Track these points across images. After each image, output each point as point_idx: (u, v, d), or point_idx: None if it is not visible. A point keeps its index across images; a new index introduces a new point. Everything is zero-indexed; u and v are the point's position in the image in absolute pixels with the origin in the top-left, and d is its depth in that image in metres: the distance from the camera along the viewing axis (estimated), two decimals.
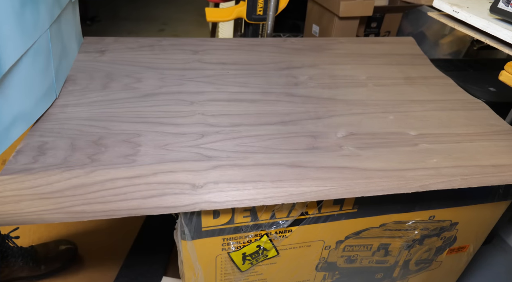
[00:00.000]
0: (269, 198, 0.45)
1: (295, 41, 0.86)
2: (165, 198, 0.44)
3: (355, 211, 0.54)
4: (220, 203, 0.45)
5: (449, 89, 0.73)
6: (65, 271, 0.99)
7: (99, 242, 1.09)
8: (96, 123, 0.55)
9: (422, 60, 0.83)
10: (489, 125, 0.63)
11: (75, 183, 0.44)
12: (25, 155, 0.47)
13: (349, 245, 0.59)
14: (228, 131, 0.56)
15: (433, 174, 0.50)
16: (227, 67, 0.74)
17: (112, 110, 0.58)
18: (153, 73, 0.69)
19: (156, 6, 2.95)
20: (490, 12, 0.70)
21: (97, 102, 0.60)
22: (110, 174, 0.46)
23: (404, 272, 0.68)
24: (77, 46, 0.74)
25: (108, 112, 0.58)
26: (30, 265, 0.93)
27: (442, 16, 0.83)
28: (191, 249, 0.51)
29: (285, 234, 0.53)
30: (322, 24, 1.24)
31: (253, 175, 0.47)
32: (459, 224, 0.62)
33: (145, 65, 0.72)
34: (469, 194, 0.58)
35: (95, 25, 2.55)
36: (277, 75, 0.72)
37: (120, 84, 0.65)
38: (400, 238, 0.60)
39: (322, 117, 0.61)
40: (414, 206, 0.56)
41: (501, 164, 0.54)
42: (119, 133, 0.53)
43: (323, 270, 0.62)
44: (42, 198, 0.42)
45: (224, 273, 0.56)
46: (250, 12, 1.06)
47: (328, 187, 0.47)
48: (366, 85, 0.71)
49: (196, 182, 0.46)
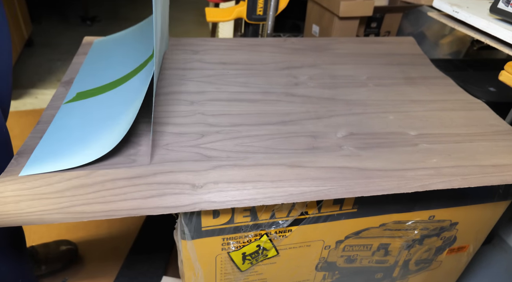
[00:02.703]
0: (269, 197, 0.45)
1: (295, 41, 0.86)
2: (165, 198, 0.44)
3: (355, 211, 0.54)
4: (220, 203, 0.45)
5: (449, 89, 0.73)
6: (65, 271, 0.99)
7: (99, 242, 1.09)
8: None
9: (422, 60, 0.83)
10: (489, 126, 0.63)
11: (75, 183, 0.44)
12: (26, 156, 0.47)
13: (349, 245, 0.59)
14: (228, 131, 0.56)
15: (433, 174, 0.50)
16: (227, 67, 0.74)
17: None
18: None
19: None
20: (490, 12, 0.70)
21: None
22: (110, 174, 0.46)
23: (404, 272, 0.68)
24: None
25: None
26: (31, 266, 0.94)
27: (442, 16, 0.83)
28: (191, 249, 0.51)
29: (285, 234, 0.53)
30: (322, 24, 1.24)
31: (253, 175, 0.47)
32: (459, 224, 0.62)
33: None
34: (469, 194, 0.58)
35: (95, 25, 2.55)
36: (277, 75, 0.72)
37: None
38: (400, 238, 0.60)
39: (322, 117, 0.61)
40: (414, 206, 0.56)
41: (501, 164, 0.54)
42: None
43: (323, 270, 0.62)
44: (42, 198, 0.42)
45: (224, 273, 0.56)
46: (250, 12, 1.06)
47: (328, 187, 0.47)
48: (366, 85, 0.71)
49: (196, 182, 0.46)
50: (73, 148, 0.47)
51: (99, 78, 0.61)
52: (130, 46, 0.70)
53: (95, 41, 0.77)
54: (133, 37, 0.72)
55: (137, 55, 0.64)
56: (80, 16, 2.55)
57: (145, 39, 0.68)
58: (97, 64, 0.67)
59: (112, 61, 0.66)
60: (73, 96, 0.58)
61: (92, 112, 0.54)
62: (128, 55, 0.66)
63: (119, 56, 0.67)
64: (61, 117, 0.54)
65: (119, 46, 0.71)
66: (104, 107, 0.54)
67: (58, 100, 0.59)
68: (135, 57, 0.64)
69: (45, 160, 0.46)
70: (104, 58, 0.68)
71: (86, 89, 0.59)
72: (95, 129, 0.50)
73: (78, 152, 0.47)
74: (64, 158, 0.46)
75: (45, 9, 2.68)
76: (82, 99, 0.57)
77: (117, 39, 0.75)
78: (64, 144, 0.49)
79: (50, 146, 0.48)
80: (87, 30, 2.45)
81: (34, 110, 1.63)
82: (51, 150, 0.48)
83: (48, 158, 0.46)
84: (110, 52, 0.70)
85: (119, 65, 0.64)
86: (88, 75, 0.63)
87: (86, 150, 0.47)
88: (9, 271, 0.70)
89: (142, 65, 0.60)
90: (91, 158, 0.45)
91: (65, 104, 0.57)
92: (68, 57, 1.41)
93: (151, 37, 0.65)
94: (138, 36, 0.71)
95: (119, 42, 0.73)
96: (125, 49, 0.69)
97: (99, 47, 0.74)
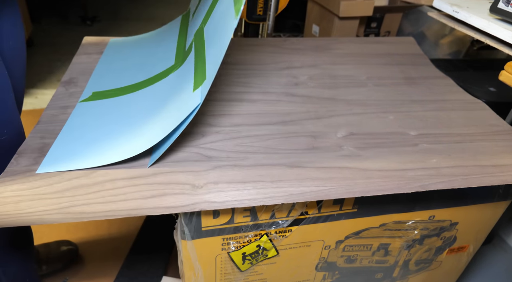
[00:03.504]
0: (269, 198, 0.45)
1: (295, 41, 0.86)
2: (165, 198, 0.44)
3: (355, 211, 0.54)
4: (220, 203, 0.45)
5: (449, 89, 0.73)
6: (66, 271, 0.99)
7: (99, 242, 1.09)
8: None
9: (422, 60, 0.83)
10: (489, 126, 0.63)
11: (75, 184, 0.44)
12: (26, 156, 0.47)
13: (349, 245, 0.59)
14: (228, 131, 0.56)
15: (433, 174, 0.50)
16: (227, 67, 0.74)
17: None
18: None
19: (156, 6, 2.95)
20: (490, 12, 0.70)
21: None
22: (110, 174, 0.46)
23: (404, 272, 0.68)
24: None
25: None
26: (36, 266, 0.95)
27: (442, 16, 0.83)
28: (191, 249, 0.51)
29: (285, 234, 0.53)
30: (322, 24, 1.24)
31: (253, 175, 0.47)
32: (459, 224, 0.62)
33: None
34: (469, 194, 0.58)
35: (95, 25, 2.55)
36: (277, 75, 0.72)
37: None
38: (400, 238, 0.60)
39: (322, 117, 0.61)
40: (414, 206, 0.56)
41: (502, 164, 0.54)
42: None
43: (323, 270, 0.62)
44: (42, 199, 0.42)
45: (224, 273, 0.56)
46: (250, 12, 1.06)
47: (328, 187, 0.47)
48: (366, 85, 0.71)
49: (196, 182, 0.46)
50: (93, 148, 0.47)
51: (117, 79, 0.61)
52: (150, 50, 0.69)
53: (110, 40, 0.77)
54: (153, 41, 0.72)
55: (160, 59, 0.64)
56: (80, 16, 2.55)
57: (168, 43, 0.68)
58: (114, 65, 0.67)
59: (130, 64, 0.66)
60: (89, 95, 0.58)
61: (112, 113, 0.53)
62: (148, 60, 0.65)
63: (138, 59, 0.67)
64: (78, 116, 0.54)
65: (138, 50, 0.70)
66: (125, 110, 0.54)
67: (58, 100, 0.59)
68: (157, 62, 0.63)
69: (63, 158, 0.46)
70: (121, 59, 0.68)
71: (103, 90, 0.59)
72: (117, 130, 0.50)
73: (100, 152, 0.47)
74: (83, 157, 0.46)
75: (45, 9, 2.68)
76: (99, 99, 0.57)
77: (136, 42, 0.75)
78: (82, 143, 0.49)
79: (68, 144, 0.49)
80: (87, 30, 2.45)
81: (34, 110, 1.63)
82: (69, 148, 0.48)
83: (66, 156, 0.46)
84: (128, 54, 0.70)
85: (139, 68, 0.64)
86: (104, 75, 0.64)
87: (108, 151, 0.47)
88: (18, 270, 0.70)
89: (167, 71, 0.59)
90: (114, 160, 0.46)
91: (80, 103, 0.57)
92: (68, 57, 1.41)
93: (173, 43, 0.66)
94: (160, 41, 0.71)
95: (138, 45, 0.73)
96: (144, 52, 0.69)
97: (116, 48, 0.74)
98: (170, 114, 0.47)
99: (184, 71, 0.54)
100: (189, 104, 0.46)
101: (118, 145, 0.47)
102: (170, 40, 0.69)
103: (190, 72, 0.52)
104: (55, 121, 0.54)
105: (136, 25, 2.61)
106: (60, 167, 0.45)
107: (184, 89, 0.50)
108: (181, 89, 0.50)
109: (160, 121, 0.48)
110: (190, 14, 0.73)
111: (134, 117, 0.51)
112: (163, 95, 0.53)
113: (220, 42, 0.47)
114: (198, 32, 0.58)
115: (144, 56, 0.67)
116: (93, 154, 0.47)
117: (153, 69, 0.62)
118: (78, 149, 0.48)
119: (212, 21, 0.54)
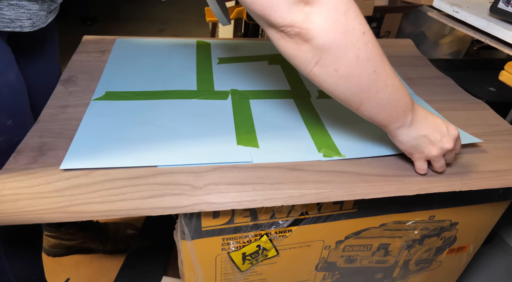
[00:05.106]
0: (269, 199, 0.45)
1: None
2: (165, 198, 0.44)
3: (355, 211, 0.54)
4: (220, 204, 0.44)
5: (449, 89, 0.73)
6: (125, 253, 1.02)
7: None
8: None
9: (422, 61, 0.83)
10: (489, 126, 0.63)
11: (74, 183, 0.44)
12: (25, 155, 0.47)
13: (349, 245, 0.59)
14: None
15: (432, 180, 0.50)
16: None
17: None
18: None
19: (156, 6, 2.95)
20: (490, 12, 0.70)
21: None
22: (109, 174, 0.46)
23: (404, 272, 0.67)
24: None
25: None
26: (101, 240, 1.03)
27: (442, 16, 0.83)
28: (191, 249, 0.51)
29: (285, 234, 0.53)
30: None
31: (253, 177, 0.47)
32: (459, 224, 0.62)
33: None
34: (469, 194, 0.57)
35: (95, 25, 2.55)
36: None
37: None
38: (400, 238, 0.60)
39: None
40: (414, 206, 0.56)
41: (501, 168, 0.53)
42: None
43: (323, 270, 0.62)
44: (41, 197, 0.42)
45: (224, 273, 0.56)
46: None
47: (328, 190, 0.47)
48: None
49: (196, 183, 0.46)
50: (119, 148, 0.50)
51: (129, 82, 0.65)
52: (163, 63, 0.72)
53: (117, 40, 0.79)
54: (166, 54, 0.75)
55: (177, 76, 0.68)
56: (80, 16, 2.55)
57: (184, 64, 0.72)
58: (124, 66, 0.69)
59: (142, 69, 0.69)
60: (102, 94, 0.61)
61: (133, 116, 0.56)
62: (162, 72, 0.69)
63: (150, 67, 0.70)
64: (94, 114, 0.56)
65: (149, 58, 0.73)
66: (149, 116, 0.57)
67: (57, 99, 0.59)
68: (174, 78, 0.67)
69: (87, 155, 0.48)
70: (132, 62, 0.71)
71: (115, 90, 0.62)
72: (144, 134, 0.53)
73: (126, 154, 0.49)
74: (109, 156, 0.48)
75: None
76: (112, 100, 0.60)
77: (144, 47, 0.77)
78: (105, 141, 0.51)
79: (89, 142, 0.50)
80: (87, 30, 2.45)
81: None
82: (92, 145, 0.50)
83: (90, 153, 0.48)
84: (139, 58, 0.73)
85: (152, 77, 0.67)
86: (116, 76, 0.66)
87: (136, 153, 0.49)
88: (25, 266, 0.71)
89: (189, 93, 0.63)
90: (142, 164, 0.47)
91: (94, 101, 0.59)
92: (68, 57, 1.40)
93: (190, 64, 0.72)
94: (173, 55, 0.75)
95: (148, 52, 0.75)
96: (156, 62, 0.72)
97: (124, 49, 0.76)
98: (212, 148, 0.51)
99: (221, 117, 0.58)
100: (235, 156, 0.50)
101: (147, 149, 0.50)
102: (186, 61, 0.73)
103: (229, 122, 0.57)
104: (54, 121, 0.54)
105: (136, 25, 2.61)
106: (85, 164, 0.46)
107: (224, 134, 0.54)
108: (221, 132, 0.55)
109: (202, 147, 0.51)
110: (211, 47, 0.79)
111: (166, 128, 0.54)
112: (201, 124, 0.56)
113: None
114: (240, 95, 0.64)
115: (157, 67, 0.70)
116: (119, 154, 0.49)
117: (170, 83, 0.65)
118: (103, 147, 0.50)
119: (269, 110, 0.61)
